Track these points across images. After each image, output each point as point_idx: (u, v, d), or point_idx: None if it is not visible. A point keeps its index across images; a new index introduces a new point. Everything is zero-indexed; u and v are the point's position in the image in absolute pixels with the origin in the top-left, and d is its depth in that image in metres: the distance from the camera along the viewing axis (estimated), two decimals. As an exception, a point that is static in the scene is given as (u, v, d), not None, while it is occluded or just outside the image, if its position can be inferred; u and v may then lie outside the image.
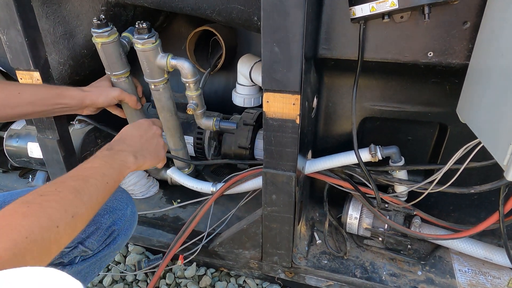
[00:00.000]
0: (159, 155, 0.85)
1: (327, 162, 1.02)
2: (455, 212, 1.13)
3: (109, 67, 1.03)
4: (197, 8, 1.04)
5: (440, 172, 0.85)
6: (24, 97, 0.88)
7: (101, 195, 0.63)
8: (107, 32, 0.96)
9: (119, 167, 0.70)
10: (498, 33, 0.65)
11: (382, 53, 0.85)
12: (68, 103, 0.96)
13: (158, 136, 0.87)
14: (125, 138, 0.81)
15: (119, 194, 0.87)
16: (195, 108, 1.12)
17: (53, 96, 0.93)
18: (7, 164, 1.50)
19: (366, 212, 1.06)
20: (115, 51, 1.00)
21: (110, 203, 0.83)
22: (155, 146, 0.84)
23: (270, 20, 0.72)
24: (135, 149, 0.78)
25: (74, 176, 0.62)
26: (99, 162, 0.68)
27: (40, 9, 1.20)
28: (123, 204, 0.86)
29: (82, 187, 0.60)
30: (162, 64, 1.01)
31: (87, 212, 0.59)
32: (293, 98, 0.80)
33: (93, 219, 0.74)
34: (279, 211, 0.96)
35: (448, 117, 0.95)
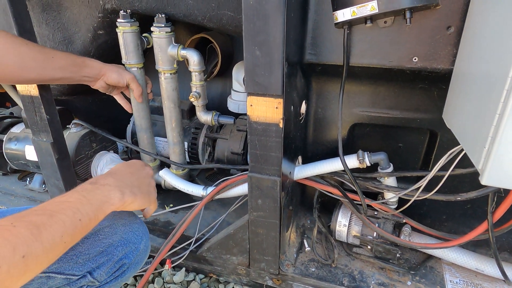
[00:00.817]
0: (150, 196, 0.78)
1: (315, 168, 1.01)
2: (448, 221, 1.11)
3: (126, 55, 1.15)
4: (188, 15, 1.06)
5: (425, 179, 0.84)
6: (56, 61, 0.93)
7: (69, 234, 0.55)
8: (130, 23, 1.10)
9: (99, 203, 0.63)
10: (479, 37, 0.65)
11: (368, 58, 0.85)
12: (90, 72, 1.03)
13: (150, 177, 0.81)
14: (113, 173, 0.74)
15: (136, 226, 0.81)
16: (197, 97, 1.20)
17: (79, 64, 1.00)
18: (7, 166, 1.53)
19: (355, 219, 1.05)
20: (133, 40, 1.13)
21: (125, 235, 0.78)
22: (147, 185, 0.77)
23: (251, 23, 0.73)
24: (123, 184, 0.70)
25: (40, 210, 0.55)
26: (76, 196, 0.61)
27: (40, 16, 1.24)
28: (138, 237, 0.81)
29: (44, 224, 0.52)
30: (173, 53, 1.13)
31: (44, 253, 0.50)
32: (275, 102, 0.80)
33: (105, 249, 0.74)
34: (265, 216, 0.96)
35: (437, 123, 0.94)
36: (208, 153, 1.43)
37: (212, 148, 1.44)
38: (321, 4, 0.83)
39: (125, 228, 0.79)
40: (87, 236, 0.73)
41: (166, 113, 1.25)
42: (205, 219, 1.26)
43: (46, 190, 1.46)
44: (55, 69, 0.94)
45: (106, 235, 0.76)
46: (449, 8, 0.75)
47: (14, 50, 0.86)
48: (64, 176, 1.19)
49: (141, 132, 1.30)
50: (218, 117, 1.27)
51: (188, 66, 1.16)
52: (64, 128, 1.32)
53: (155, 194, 0.80)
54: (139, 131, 1.31)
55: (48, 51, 0.93)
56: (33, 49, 0.90)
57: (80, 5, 1.18)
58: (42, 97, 1.06)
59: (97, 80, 1.07)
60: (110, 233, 0.77)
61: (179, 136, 1.30)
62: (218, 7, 1.02)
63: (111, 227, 0.77)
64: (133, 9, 1.12)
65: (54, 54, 0.94)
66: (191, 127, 1.40)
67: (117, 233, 0.77)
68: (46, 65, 0.92)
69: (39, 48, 0.92)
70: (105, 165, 1.34)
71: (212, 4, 1.01)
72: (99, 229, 0.76)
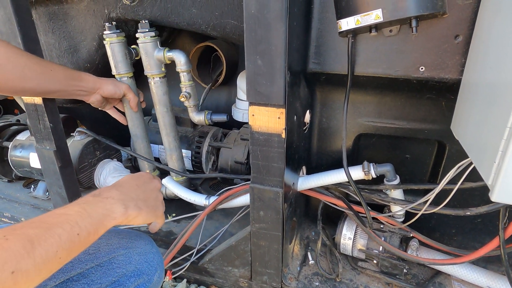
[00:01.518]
0: (157, 211, 0.75)
1: (320, 179, 0.99)
2: (457, 236, 1.07)
3: (115, 66, 1.17)
4: (192, 23, 1.06)
5: (433, 192, 0.81)
6: (55, 74, 0.93)
7: (65, 249, 0.52)
8: (116, 34, 1.12)
9: (100, 217, 0.60)
10: (488, 47, 0.62)
11: (373, 68, 0.83)
12: (85, 86, 1.03)
13: (157, 190, 0.78)
14: (119, 185, 0.72)
15: (151, 256, 0.79)
16: (187, 97, 1.21)
17: (75, 77, 1.00)
18: (12, 174, 1.54)
19: (361, 232, 1.02)
20: (120, 50, 1.14)
21: (140, 265, 0.76)
22: (153, 199, 0.74)
23: (253, 32, 0.72)
24: (127, 198, 0.68)
25: (37, 222, 0.52)
26: (76, 209, 0.58)
27: (46, 25, 1.25)
28: (153, 269, 0.78)
29: (39, 237, 0.49)
30: (159, 56, 1.14)
31: (35, 269, 0.47)
32: (278, 112, 0.78)
33: (118, 279, 0.71)
34: (267, 228, 0.93)
35: (446, 134, 0.91)
36: (212, 162, 1.42)
37: (216, 157, 1.42)
38: (325, 12, 0.81)
39: (140, 258, 0.76)
40: (101, 264, 0.72)
41: (159, 118, 1.25)
42: (208, 229, 1.24)
43: (49, 198, 1.46)
44: (53, 82, 0.94)
45: (120, 264, 0.74)
46: (457, 16, 0.72)
47: (14, 60, 0.86)
48: (66, 184, 1.18)
49: (137, 141, 1.30)
50: (211, 116, 1.29)
51: (176, 67, 1.17)
52: (68, 136, 1.33)
53: (162, 208, 0.77)
54: (135, 141, 1.30)
55: (46, 64, 0.94)
56: (33, 60, 0.90)
57: (86, 14, 1.18)
58: (46, 105, 1.07)
59: (91, 94, 1.07)
60: (125, 262, 0.74)
61: (174, 141, 1.29)
62: (221, 15, 1.01)
63: (126, 256, 0.75)
64: (138, 18, 1.12)
65: (52, 66, 0.94)
66: (194, 135, 1.39)
67: (131, 262, 0.75)
68: (44, 76, 0.92)
69: (38, 60, 0.92)
70: (108, 174, 1.33)
71: (216, 12, 1.01)
72: (114, 257, 0.74)
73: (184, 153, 1.38)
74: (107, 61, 1.29)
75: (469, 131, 0.68)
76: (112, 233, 0.80)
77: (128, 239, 0.79)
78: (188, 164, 1.41)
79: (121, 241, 0.78)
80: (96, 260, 0.72)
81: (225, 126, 1.47)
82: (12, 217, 1.45)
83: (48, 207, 1.45)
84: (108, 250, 0.75)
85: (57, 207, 1.21)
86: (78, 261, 0.71)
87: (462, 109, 0.73)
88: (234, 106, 1.42)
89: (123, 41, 1.14)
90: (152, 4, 1.07)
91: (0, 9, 0.95)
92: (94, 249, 0.74)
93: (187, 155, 1.39)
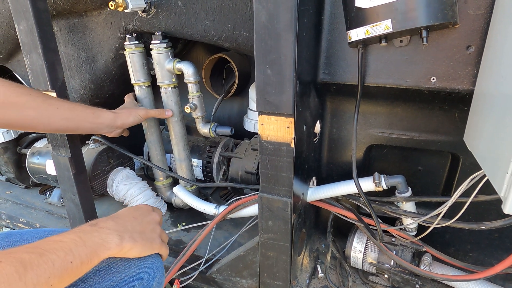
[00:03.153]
0: (153, 244, 0.74)
1: (330, 190, 0.98)
2: (473, 251, 1.03)
3: (133, 75, 1.22)
4: (205, 35, 1.08)
5: (446, 205, 0.79)
6: (61, 112, 0.92)
7: (57, 276, 0.52)
8: (134, 45, 1.17)
9: (95, 246, 0.61)
10: (501, 57, 0.61)
11: (383, 78, 0.83)
12: (102, 123, 1.02)
13: (155, 223, 0.78)
14: (116, 217, 0.72)
15: (151, 261, 0.78)
16: (193, 108, 1.23)
17: (88, 115, 0.98)
18: (29, 180, 1.58)
19: (372, 245, 1.00)
20: (139, 60, 1.20)
21: (139, 270, 0.75)
22: (150, 231, 0.74)
23: (262, 42, 0.73)
24: (123, 229, 0.68)
25: (31, 248, 0.52)
26: (71, 237, 0.58)
27: (66, 37, 1.30)
28: (152, 273, 0.77)
29: (32, 263, 0.49)
30: (170, 67, 1.17)
31: None
32: (287, 121, 0.79)
33: (116, 284, 0.71)
34: (275, 238, 0.93)
35: (459, 146, 0.89)
36: (223, 172, 1.43)
37: (226, 166, 1.43)
38: (335, 23, 0.82)
39: (139, 262, 0.76)
40: (100, 269, 0.72)
41: (170, 127, 1.28)
42: (217, 239, 1.24)
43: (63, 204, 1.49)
44: (61, 120, 0.93)
45: (119, 268, 0.73)
46: (469, 27, 0.72)
47: (14, 99, 0.86)
48: (80, 191, 1.20)
49: (152, 148, 1.33)
50: (215, 128, 1.31)
51: (184, 78, 1.20)
52: (84, 144, 1.36)
53: (159, 240, 0.76)
54: (150, 148, 1.34)
55: (53, 102, 0.92)
56: (36, 99, 0.89)
57: (104, 27, 1.23)
58: (63, 113, 1.10)
59: (112, 130, 1.07)
60: (124, 267, 0.74)
61: (184, 151, 1.31)
62: (233, 27, 1.03)
63: (125, 260, 0.75)
64: (153, 30, 1.15)
65: (60, 104, 0.93)
66: (206, 145, 1.41)
67: (130, 267, 0.74)
68: (49, 114, 0.91)
69: (44, 98, 0.91)
70: (120, 181, 1.35)
71: (228, 24, 1.03)
72: (113, 262, 0.74)
73: (195, 162, 1.39)
74: (122, 71, 1.33)
75: (482, 142, 0.66)
76: None
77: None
78: (199, 174, 1.42)
79: None
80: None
81: (236, 136, 1.48)
82: (27, 223, 1.48)
83: (62, 213, 1.48)
84: None
85: (71, 213, 1.25)
86: None
87: (475, 120, 0.72)
88: (246, 116, 1.43)
89: (142, 52, 1.19)
90: (167, 16, 1.10)
91: (23, 21, 1.00)
92: None
93: (198, 165, 1.40)
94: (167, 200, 1.42)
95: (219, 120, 1.63)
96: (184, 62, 1.17)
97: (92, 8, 1.18)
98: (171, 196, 1.39)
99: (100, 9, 1.19)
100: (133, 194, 1.34)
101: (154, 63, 1.19)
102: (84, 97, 1.40)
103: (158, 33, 1.13)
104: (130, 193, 1.34)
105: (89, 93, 1.38)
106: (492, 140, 0.61)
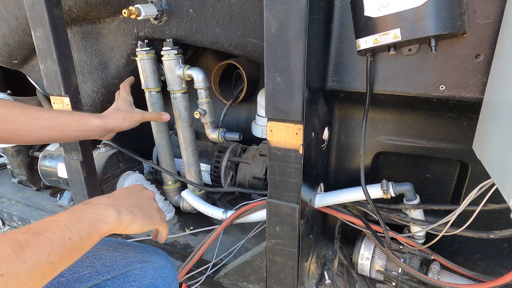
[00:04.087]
0: (153, 217, 0.72)
1: (337, 197, 0.98)
2: (482, 260, 1.02)
3: (144, 80, 1.25)
4: (215, 42, 1.10)
5: (454, 213, 0.79)
6: (41, 122, 0.88)
7: (57, 253, 0.51)
8: (146, 51, 1.20)
9: (91, 221, 0.59)
10: (509, 66, 0.62)
11: (392, 86, 0.83)
12: (90, 130, 0.96)
13: (150, 198, 0.77)
14: (109, 195, 0.71)
15: (167, 272, 0.79)
16: (202, 114, 1.25)
17: (72, 123, 0.93)
18: (40, 183, 1.61)
19: (379, 253, 0.99)
20: (150, 66, 1.22)
21: (155, 280, 0.76)
22: (147, 206, 0.73)
23: (272, 50, 0.74)
24: (118, 204, 0.66)
25: (25, 229, 0.52)
26: (65, 215, 0.57)
27: (80, 43, 1.33)
28: (167, 284, 0.78)
29: (28, 242, 0.48)
30: (180, 73, 1.19)
31: (26, 273, 0.46)
32: (295, 128, 0.79)
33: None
34: (283, 244, 0.93)
35: (468, 154, 0.89)
36: (231, 177, 1.44)
37: (234, 172, 1.44)
38: (344, 32, 0.83)
39: (155, 272, 0.77)
40: (117, 277, 0.74)
41: (179, 132, 1.30)
42: (224, 243, 1.25)
43: (74, 207, 1.51)
44: (42, 130, 0.89)
45: (135, 277, 0.75)
46: (478, 36, 0.72)
47: None
48: (90, 194, 1.22)
49: (161, 152, 1.35)
50: (224, 134, 1.33)
51: (194, 84, 1.22)
52: (94, 148, 1.38)
53: (158, 215, 0.74)
54: (159, 152, 1.35)
55: (31, 112, 0.88)
56: (12, 111, 0.85)
57: (116, 33, 1.25)
58: (75, 117, 1.12)
59: (105, 134, 1.02)
60: (140, 276, 0.75)
61: (192, 155, 1.32)
62: (243, 35, 1.05)
63: (142, 270, 0.76)
64: (164, 37, 1.17)
65: (40, 114, 0.89)
66: (214, 150, 1.42)
67: (146, 276, 0.76)
68: (28, 126, 0.87)
69: (23, 109, 0.87)
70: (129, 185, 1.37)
71: (238, 32, 1.05)
72: (130, 270, 0.76)
73: (203, 167, 1.41)
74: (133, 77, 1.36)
75: (491, 151, 0.66)
76: (129, 247, 0.81)
77: (144, 253, 0.80)
78: (207, 179, 1.43)
79: (138, 255, 0.79)
80: (113, 272, 0.74)
81: (245, 142, 1.49)
82: (38, 225, 1.51)
83: (72, 216, 1.50)
84: (124, 263, 0.76)
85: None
86: (96, 272, 0.72)
87: (484, 129, 0.72)
88: (254, 122, 1.44)
89: (153, 58, 1.21)
90: (178, 24, 1.12)
91: (40, 27, 1.03)
92: (112, 261, 0.75)
93: (206, 169, 1.41)
94: (175, 204, 1.44)
95: (228, 125, 1.65)
96: (194, 68, 1.19)
97: (105, 15, 1.21)
98: (179, 200, 1.41)
99: (113, 16, 1.22)
100: (142, 197, 1.35)
101: (165, 69, 1.21)
102: (95, 101, 1.43)
103: (169, 40, 1.16)
104: (139, 197, 1.35)
105: (101, 98, 1.41)
106: (501, 148, 0.61)
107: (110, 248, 0.79)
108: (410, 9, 0.67)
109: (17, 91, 1.77)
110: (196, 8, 1.07)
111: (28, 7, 1.02)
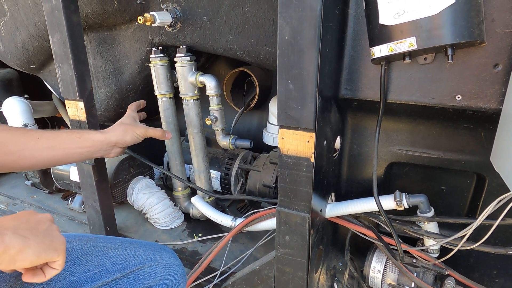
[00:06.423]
0: (54, 241, 0.57)
1: (349, 207, 0.96)
2: (500, 277, 0.99)
3: (157, 86, 1.26)
4: (228, 49, 1.11)
5: (471, 227, 0.76)
6: (43, 141, 0.86)
7: None
8: (159, 58, 1.22)
9: None
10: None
11: (406, 95, 0.82)
12: (92, 146, 0.94)
13: (49, 221, 0.62)
14: None
15: (176, 269, 0.80)
16: (213, 120, 1.25)
17: (74, 140, 0.91)
18: (53, 186, 1.63)
19: (391, 266, 0.97)
20: (163, 72, 1.24)
21: (164, 277, 0.76)
22: (45, 230, 0.58)
23: (285, 57, 0.74)
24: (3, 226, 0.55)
25: None
26: None
27: (96, 49, 1.36)
28: (176, 281, 0.78)
29: None
30: (192, 80, 1.21)
31: None
32: (307, 136, 0.79)
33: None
34: (292, 254, 0.91)
35: (485, 166, 0.87)
36: (241, 184, 1.43)
37: (244, 179, 1.43)
38: (358, 40, 0.82)
39: (165, 270, 0.78)
40: (127, 275, 0.74)
41: (190, 138, 1.30)
42: (233, 251, 1.23)
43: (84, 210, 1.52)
44: (45, 150, 0.86)
45: (146, 275, 0.76)
46: (496, 45, 0.71)
47: None
48: (101, 198, 1.23)
49: (172, 158, 1.36)
50: (235, 141, 1.33)
51: (206, 91, 1.23)
52: (106, 152, 1.39)
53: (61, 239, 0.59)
54: (170, 157, 1.36)
55: (33, 133, 0.86)
56: (15, 134, 0.83)
57: (131, 40, 1.28)
58: (89, 122, 1.14)
59: (110, 149, 0.99)
60: (150, 274, 0.76)
61: (203, 162, 1.33)
62: (256, 42, 1.05)
63: (152, 268, 0.77)
64: (178, 44, 1.19)
65: (41, 135, 0.86)
66: (225, 157, 1.42)
67: (156, 274, 0.77)
68: (30, 147, 0.84)
69: (24, 131, 0.86)
70: (140, 190, 1.38)
71: (251, 39, 1.05)
72: (140, 268, 0.76)
73: (214, 174, 1.40)
74: (147, 83, 1.37)
75: (510, 163, 0.64)
76: (138, 245, 0.82)
77: (153, 251, 0.81)
78: (217, 185, 1.43)
79: (147, 253, 0.80)
80: (123, 270, 0.74)
81: (255, 149, 1.48)
82: (49, 227, 1.52)
83: (82, 220, 1.51)
84: (134, 261, 0.77)
85: (91, 220, 1.27)
86: (106, 271, 0.73)
87: (503, 140, 0.70)
88: (265, 130, 1.44)
89: (166, 64, 1.23)
90: (192, 31, 1.13)
91: (57, 33, 1.05)
92: (121, 260, 0.76)
93: (216, 176, 1.41)
94: (185, 210, 1.44)
95: (239, 132, 1.65)
96: (207, 75, 1.20)
97: (121, 22, 1.24)
98: (188, 206, 1.41)
99: (129, 23, 1.24)
100: (152, 203, 1.35)
101: (178, 76, 1.22)
102: (109, 107, 1.45)
103: (183, 46, 1.17)
104: (149, 202, 1.36)
105: (114, 103, 1.43)
106: (521, 161, 0.59)
107: (119, 247, 0.79)
108: (426, 17, 0.66)
109: (34, 96, 1.81)
110: (210, 16, 1.08)
111: (47, 13, 1.05)
